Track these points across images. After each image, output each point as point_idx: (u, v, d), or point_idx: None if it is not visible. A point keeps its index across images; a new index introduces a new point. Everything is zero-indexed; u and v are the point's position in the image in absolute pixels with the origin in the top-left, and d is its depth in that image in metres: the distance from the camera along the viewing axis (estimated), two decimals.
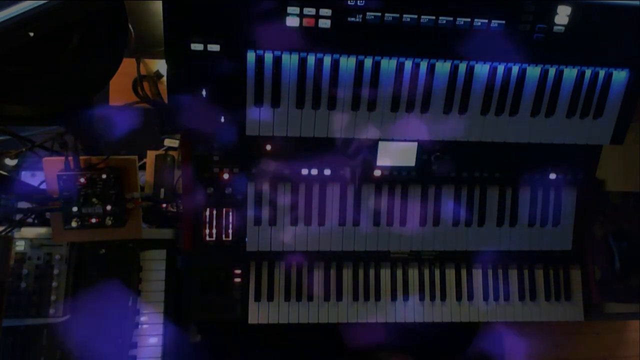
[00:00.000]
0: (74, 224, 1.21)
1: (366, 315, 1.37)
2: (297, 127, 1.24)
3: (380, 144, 1.31)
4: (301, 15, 1.12)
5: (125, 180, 1.25)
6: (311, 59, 1.19)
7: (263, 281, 1.35)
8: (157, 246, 1.36)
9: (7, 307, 1.21)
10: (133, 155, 1.27)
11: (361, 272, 1.38)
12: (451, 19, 1.15)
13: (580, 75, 1.27)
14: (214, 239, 1.33)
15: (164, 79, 1.45)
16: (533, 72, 1.26)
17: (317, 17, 1.12)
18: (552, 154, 1.38)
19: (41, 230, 1.29)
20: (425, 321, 1.39)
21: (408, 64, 1.21)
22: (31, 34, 0.84)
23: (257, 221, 1.33)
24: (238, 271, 1.34)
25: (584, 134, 1.32)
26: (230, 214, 1.33)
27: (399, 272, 1.39)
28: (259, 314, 1.34)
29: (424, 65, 1.22)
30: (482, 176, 1.38)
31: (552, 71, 1.26)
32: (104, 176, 1.20)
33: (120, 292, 1.30)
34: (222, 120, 1.21)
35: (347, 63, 1.20)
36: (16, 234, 1.28)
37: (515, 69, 1.25)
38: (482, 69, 1.24)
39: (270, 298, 1.35)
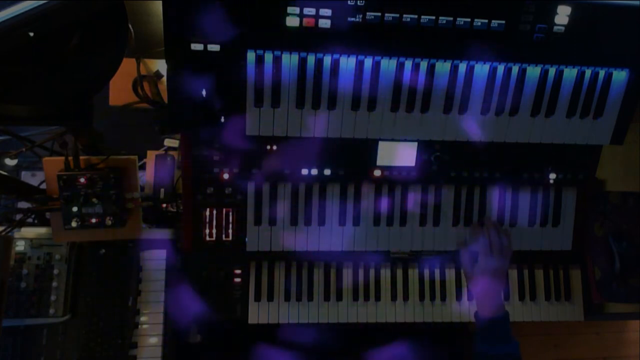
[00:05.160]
0: (74, 224, 1.21)
1: (366, 315, 1.37)
2: (297, 127, 1.24)
3: (380, 144, 1.31)
4: (301, 15, 1.12)
5: (125, 180, 1.25)
6: (311, 59, 1.19)
7: (263, 281, 1.35)
8: (157, 246, 1.36)
9: (7, 307, 1.21)
10: (133, 155, 1.28)
11: (361, 272, 1.38)
12: (451, 19, 1.15)
13: (580, 75, 1.27)
14: (214, 239, 1.33)
15: (164, 79, 1.45)
16: (533, 72, 1.26)
17: (317, 17, 1.12)
18: (552, 154, 1.37)
19: (41, 230, 1.29)
20: (426, 321, 1.39)
21: (408, 64, 1.21)
22: (31, 34, 0.84)
23: (257, 221, 1.33)
24: (238, 271, 1.34)
25: (584, 134, 1.32)
26: (230, 214, 1.33)
27: (399, 272, 1.40)
28: (259, 314, 1.34)
29: (424, 65, 1.22)
30: (482, 176, 1.38)
31: (552, 71, 1.26)
32: (104, 176, 1.20)
33: (120, 292, 1.30)
34: (222, 120, 1.21)
35: (347, 63, 1.20)
36: (16, 234, 1.28)
37: (515, 69, 1.25)
38: (482, 69, 1.24)
39: (270, 298, 1.35)
